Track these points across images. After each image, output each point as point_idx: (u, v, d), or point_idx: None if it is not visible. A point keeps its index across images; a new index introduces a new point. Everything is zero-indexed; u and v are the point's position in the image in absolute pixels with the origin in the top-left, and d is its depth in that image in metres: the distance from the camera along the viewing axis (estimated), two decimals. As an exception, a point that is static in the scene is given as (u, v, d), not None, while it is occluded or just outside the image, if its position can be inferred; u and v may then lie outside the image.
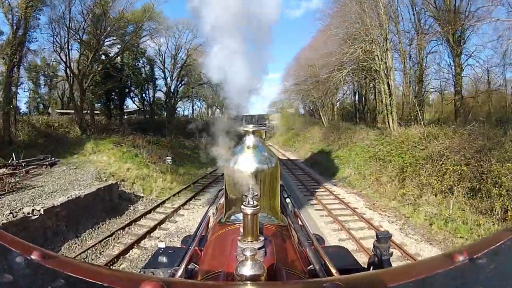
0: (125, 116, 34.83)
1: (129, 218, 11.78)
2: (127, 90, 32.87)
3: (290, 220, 2.58)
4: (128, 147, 20.55)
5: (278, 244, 1.87)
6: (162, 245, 2.51)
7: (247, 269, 1.12)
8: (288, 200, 3.53)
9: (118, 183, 14.28)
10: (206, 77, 32.43)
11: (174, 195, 15.05)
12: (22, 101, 32.97)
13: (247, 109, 2.59)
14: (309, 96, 37.36)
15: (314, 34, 38.99)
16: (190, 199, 14.53)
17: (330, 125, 31.91)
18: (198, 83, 36.60)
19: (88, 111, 27.67)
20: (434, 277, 0.64)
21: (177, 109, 41.02)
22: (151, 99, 35.92)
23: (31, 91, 33.38)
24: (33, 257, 0.62)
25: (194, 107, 46.26)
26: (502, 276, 0.68)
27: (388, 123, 20.69)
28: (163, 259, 2.24)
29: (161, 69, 35.52)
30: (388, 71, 20.65)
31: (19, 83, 23.74)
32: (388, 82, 20.63)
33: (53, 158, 17.30)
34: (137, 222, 11.49)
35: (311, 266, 1.81)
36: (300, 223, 2.81)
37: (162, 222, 11.51)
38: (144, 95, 35.53)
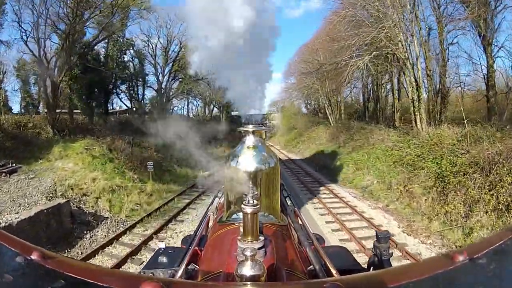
0: (114, 116, 31.44)
1: (80, 253, 8.78)
2: (111, 86, 28.55)
3: (290, 220, 2.58)
4: (102, 151, 17.08)
5: (278, 244, 1.87)
6: (162, 245, 2.51)
7: (247, 269, 1.12)
8: (288, 199, 3.53)
9: (75, 199, 11.46)
10: (201, 73, 30.89)
11: (150, 214, 11.78)
12: (15, 101, 30.69)
13: (247, 109, 2.55)
14: (314, 93, 34.54)
15: (320, 25, 34.35)
16: (170, 220, 11.20)
17: (338, 125, 28.80)
18: (193, 79, 33.05)
19: (67, 110, 23.98)
20: (434, 277, 0.64)
21: (174, 108, 38.55)
22: (141, 97, 32.47)
23: (21, 90, 29.93)
24: (33, 257, 0.62)
25: (189, 106, 42.70)
26: (502, 276, 0.68)
27: (415, 121, 17.72)
28: (163, 259, 2.24)
29: (151, 63, 31.84)
30: (416, 59, 17.78)
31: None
32: (414, 74, 17.96)
33: (14, 164, 14.25)
34: (88, 261, 8.08)
35: (311, 266, 1.81)
36: (300, 222, 2.81)
37: (124, 261, 8.08)
38: (132, 92, 31.71)
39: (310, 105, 43.35)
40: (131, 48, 30.20)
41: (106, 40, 26.33)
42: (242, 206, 1.54)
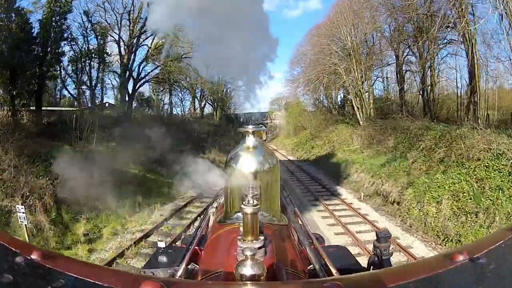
0: (55, 113, 21.21)
1: None
2: (44, 68, 18.41)
3: (290, 220, 2.58)
4: None
5: (278, 243, 1.87)
6: (162, 244, 2.51)
7: (247, 269, 1.12)
8: (288, 199, 3.54)
9: None
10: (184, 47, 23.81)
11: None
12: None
13: (245, 107, 2.47)
14: (333, 82, 24.73)
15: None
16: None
17: (374, 123, 20.15)
18: (174, 58, 24.86)
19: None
20: (434, 277, 0.64)
21: (164, 104, 31.58)
22: (95, 84, 23.40)
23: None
24: (33, 257, 0.62)
25: (171, 98, 32.06)
26: (502, 276, 0.68)
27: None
28: (163, 259, 2.24)
29: (113, 38, 22.50)
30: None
31: None
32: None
33: None
34: None
35: (311, 265, 1.82)
36: (300, 222, 2.82)
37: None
38: (83, 77, 22.55)
39: (320, 102, 33.81)
40: (83, 17, 21.22)
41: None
42: (242, 206, 1.55)
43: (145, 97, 31.72)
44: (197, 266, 1.93)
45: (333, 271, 1.67)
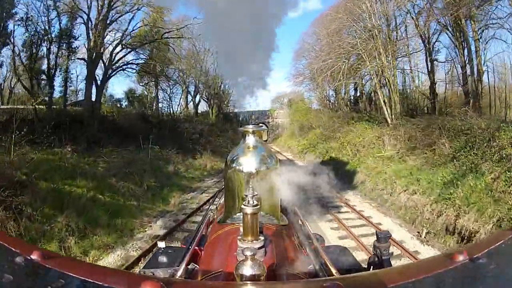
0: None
1: None
2: None
3: (290, 220, 2.58)
4: None
5: (278, 243, 1.88)
6: (162, 244, 2.52)
7: (247, 269, 1.12)
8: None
9: None
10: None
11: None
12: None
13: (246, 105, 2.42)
14: (355, 69, 20.29)
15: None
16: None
17: (412, 122, 15.44)
18: (158, 38, 20.76)
19: None
20: (434, 277, 0.64)
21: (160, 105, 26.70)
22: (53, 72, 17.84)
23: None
24: (33, 257, 0.62)
25: (158, 93, 26.64)
26: (502, 276, 0.68)
27: None
28: (163, 259, 2.24)
29: (82, 20, 17.83)
30: None
31: None
32: None
33: None
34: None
35: (311, 266, 1.82)
36: (300, 222, 2.82)
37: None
38: (40, 65, 17.94)
39: (327, 98, 28.96)
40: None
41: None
42: (242, 206, 1.55)
43: (137, 94, 27.10)
44: (197, 266, 1.94)
45: (333, 271, 1.67)
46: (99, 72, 19.33)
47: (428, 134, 13.29)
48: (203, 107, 31.67)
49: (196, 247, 2.20)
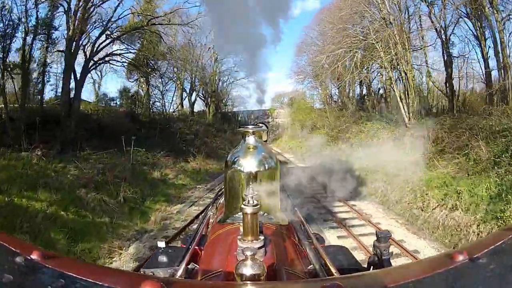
0: None
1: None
2: None
3: (290, 220, 2.59)
4: None
5: (278, 243, 1.88)
6: (162, 244, 2.52)
7: (247, 269, 1.13)
8: (288, 199, 3.55)
9: None
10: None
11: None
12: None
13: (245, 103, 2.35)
14: (369, 59, 18.08)
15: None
16: None
17: (436, 122, 13.35)
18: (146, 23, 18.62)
19: None
20: (434, 277, 0.64)
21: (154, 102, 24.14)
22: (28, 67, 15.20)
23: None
24: (33, 257, 0.62)
25: (149, 90, 23.97)
26: (502, 276, 0.68)
27: None
28: (163, 258, 2.25)
29: (60, 5, 15.47)
30: None
31: None
32: None
33: None
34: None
35: (311, 265, 1.82)
36: (300, 222, 2.83)
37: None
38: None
39: (330, 96, 27.12)
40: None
41: None
42: (242, 206, 1.56)
43: (131, 93, 24.56)
44: (197, 266, 1.94)
45: (333, 271, 1.67)
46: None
47: (458, 135, 11.32)
48: (200, 106, 30.00)
49: (196, 247, 2.20)
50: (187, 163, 17.64)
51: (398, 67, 16.04)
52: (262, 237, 1.63)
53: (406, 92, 15.70)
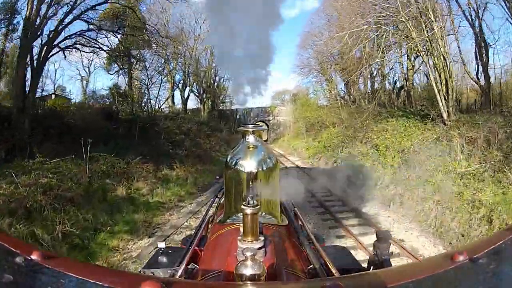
0: None
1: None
2: None
3: (290, 220, 2.59)
4: None
5: (278, 244, 1.88)
6: (162, 245, 2.52)
7: (247, 269, 1.13)
8: (288, 200, 3.55)
9: None
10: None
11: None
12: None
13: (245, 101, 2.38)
14: (399, 43, 15.66)
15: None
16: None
17: (492, 120, 10.11)
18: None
19: None
20: (434, 277, 0.64)
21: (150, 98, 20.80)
22: None
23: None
24: (33, 257, 0.62)
25: (131, 83, 20.88)
26: (502, 276, 0.68)
27: None
28: (163, 259, 2.25)
29: None
30: None
31: None
32: None
33: None
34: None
35: (311, 265, 1.82)
36: (300, 222, 2.83)
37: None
38: None
39: (336, 91, 24.59)
40: None
41: None
42: (242, 206, 1.56)
43: (121, 90, 21.62)
44: (197, 266, 1.94)
45: (333, 271, 1.67)
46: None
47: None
48: (195, 103, 27.28)
49: (196, 247, 2.20)
50: (171, 170, 14.01)
51: (434, 51, 12.86)
52: (262, 238, 1.63)
53: (445, 82, 12.62)
